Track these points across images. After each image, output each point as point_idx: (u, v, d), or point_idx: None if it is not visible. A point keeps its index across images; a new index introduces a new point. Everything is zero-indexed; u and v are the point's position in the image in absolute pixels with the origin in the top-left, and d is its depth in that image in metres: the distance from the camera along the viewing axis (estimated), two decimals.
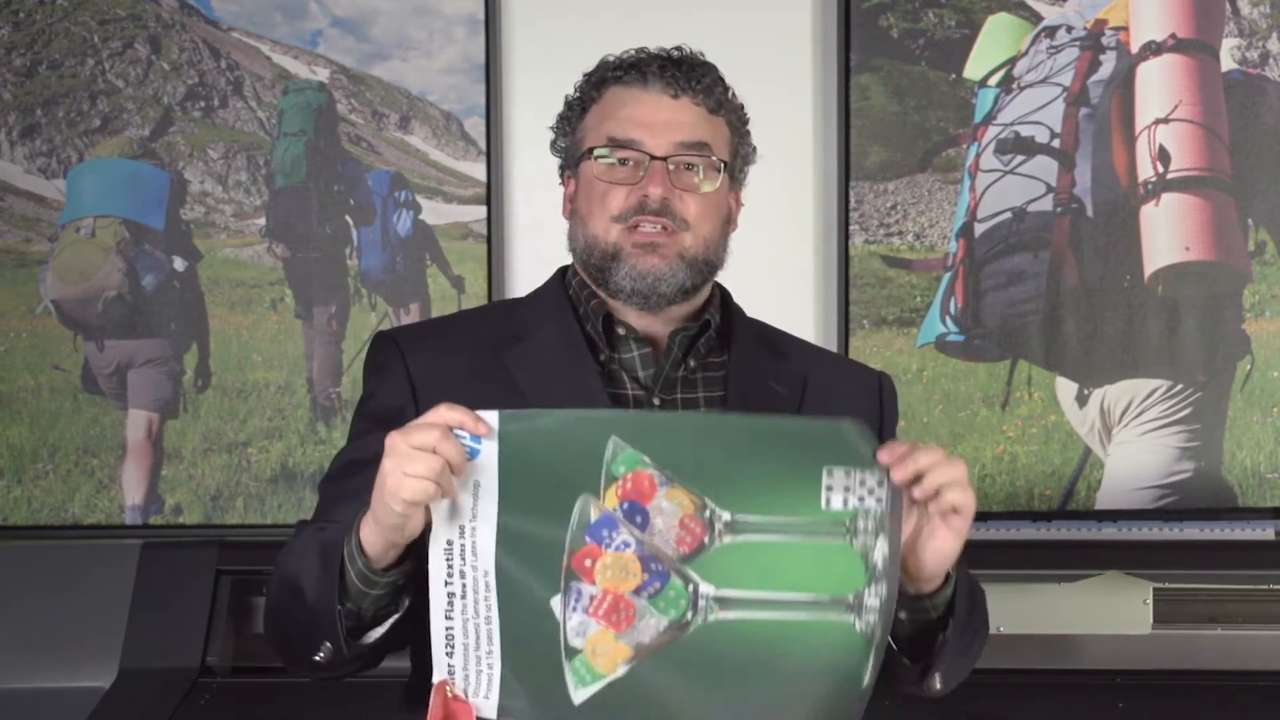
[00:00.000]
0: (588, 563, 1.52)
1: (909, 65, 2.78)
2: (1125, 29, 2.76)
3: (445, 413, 1.51)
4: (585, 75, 1.82)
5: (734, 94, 1.82)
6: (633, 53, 1.80)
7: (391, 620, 1.61)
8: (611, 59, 1.81)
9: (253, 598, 2.66)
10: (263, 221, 2.87)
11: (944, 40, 2.78)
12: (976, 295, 2.78)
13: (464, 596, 1.53)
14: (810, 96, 2.83)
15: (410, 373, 1.77)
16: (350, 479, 1.75)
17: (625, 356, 1.78)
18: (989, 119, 2.78)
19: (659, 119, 1.73)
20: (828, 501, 1.53)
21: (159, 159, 2.86)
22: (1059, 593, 2.63)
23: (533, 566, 1.52)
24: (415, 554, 1.58)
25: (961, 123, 2.79)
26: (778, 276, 2.80)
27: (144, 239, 2.85)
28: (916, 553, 1.57)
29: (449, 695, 1.54)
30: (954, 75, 2.79)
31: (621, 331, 1.78)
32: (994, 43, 2.78)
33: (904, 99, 2.79)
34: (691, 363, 1.79)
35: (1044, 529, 2.79)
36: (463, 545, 1.52)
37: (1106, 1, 2.77)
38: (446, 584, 1.52)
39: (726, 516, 1.54)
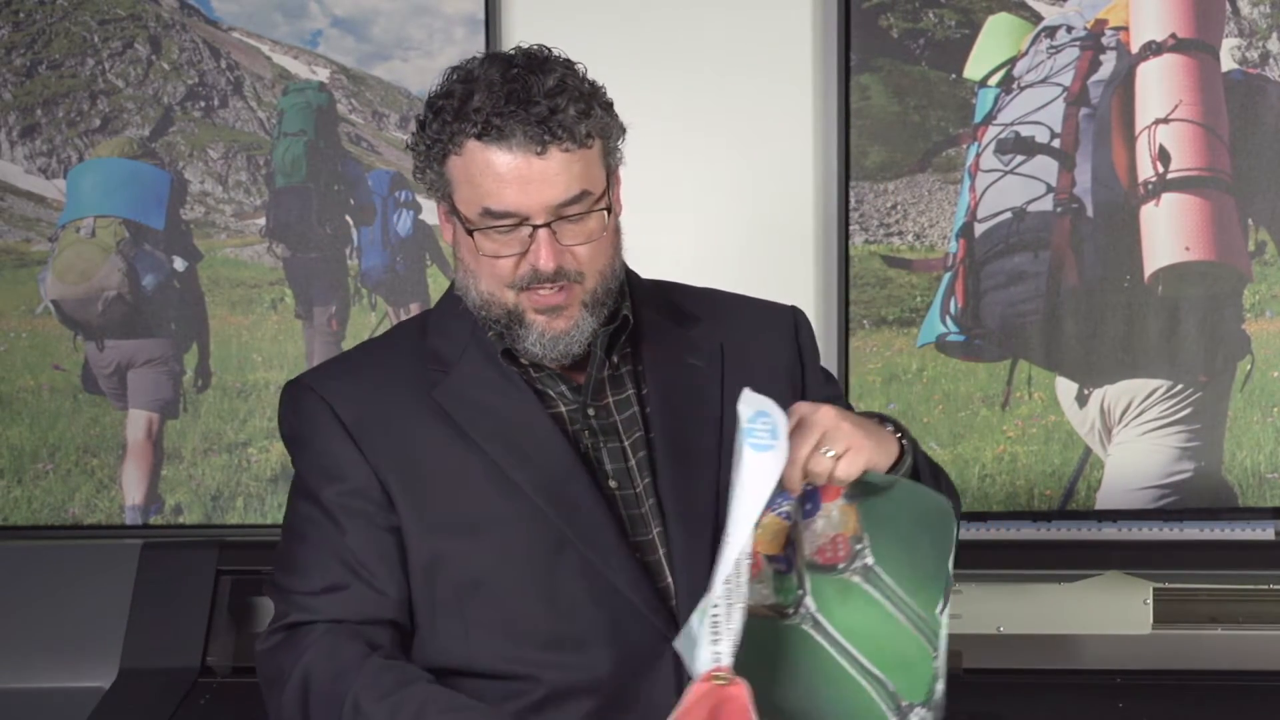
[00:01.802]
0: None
1: (909, 65, 2.78)
2: (1125, 29, 2.76)
3: None
4: (432, 109, 1.67)
5: (591, 94, 1.68)
6: (461, 76, 1.67)
7: None
8: (456, 89, 1.66)
9: (253, 598, 2.66)
10: (263, 221, 2.87)
11: (944, 40, 2.78)
12: (976, 295, 2.78)
13: (727, 582, 1.52)
14: (810, 96, 2.83)
15: (345, 424, 1.72)
16: (328, 540, 1.71)
17: (544, 375, 1.75)
18: (989, 119, 2.78)
19: (532, 182, 1.62)
20: (942, 612, 1.59)
21: (159, 159, 2.86)
22: (1059, 593, 2.63)
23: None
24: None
25: (961, 123, 2.78)
26: (778, 276, 2.80)
27: (144, 239, 2.85)
28: None
29: (718, 684, 1.51)
30: (954, 75, 2.79)
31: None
32: (994, 43, 2.78)
33: (904, 99, 2.78)
34: (615, 359, 1.77)
35: (1044, 529, 2.79)
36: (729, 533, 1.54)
37: (1106, 1, 2.77)
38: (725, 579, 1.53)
39: (869, 561, 1.58)
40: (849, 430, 1.57)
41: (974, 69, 2.78)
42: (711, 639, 1.52)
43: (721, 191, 2.82)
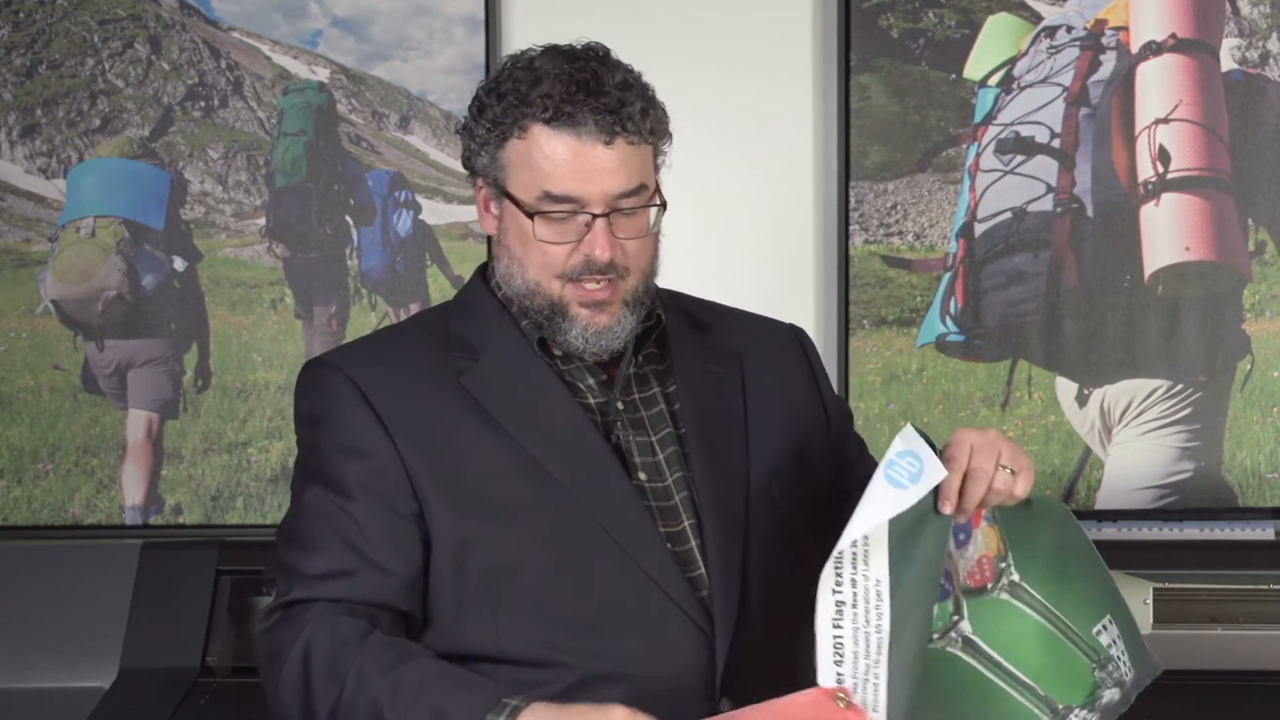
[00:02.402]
0: None
1: (909, 65, 2.78)
2: (1125, 29, 2.76)
3: None
4: (496, 94, 1.69)
5: (646, 90, 1.71)
6: (523, 64, 1.69)
7: None
8: (520, 75, 1.68)
9: (253, 598, 2.66)
10: (263, 221, 2.87)
11: (944, 40, 2.78)
12: (976, 295, 2.78)
13: (854, 605, 1.51)
14: (810, 96, 2.83)
15: (371, 404, 1.71)
16: (336, 520, 1.70)
17: (573, 368, 1.76)
18: (989, 119, 2.78)
19: (597, 171, 1.65)
20: (1100, 632, 1.66)
21: (159, 159, 2.86)
22: None
23: (919, 575, 1.55)
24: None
25: (961, 123, 2.79)
26: (778, 276, 2.80)
27: (144, 239, 2.85)
28: None
29: (838, 704, 1.50)
30: (954, 75, 2.79)
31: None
32: (994, 43, 2.78)
33: (904, 99, 2.79)
34: (639, 357, 1.78)
35: None
36: (854, 554, 1.52)
37: (1106, 1, 2.77)
38: (835, 591, 1.51)
39: (1015, 577, 1.63)
40: (1016, 450, 1.63)
41: (974, 69, 2.78)
42: (834, 658, 1.51)
43: (721, 191, 2.82)
